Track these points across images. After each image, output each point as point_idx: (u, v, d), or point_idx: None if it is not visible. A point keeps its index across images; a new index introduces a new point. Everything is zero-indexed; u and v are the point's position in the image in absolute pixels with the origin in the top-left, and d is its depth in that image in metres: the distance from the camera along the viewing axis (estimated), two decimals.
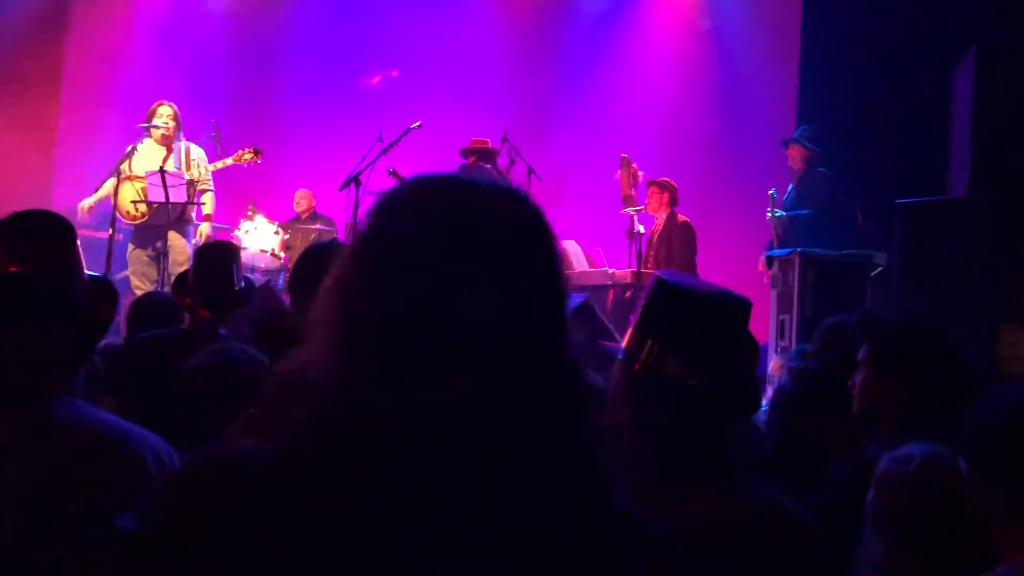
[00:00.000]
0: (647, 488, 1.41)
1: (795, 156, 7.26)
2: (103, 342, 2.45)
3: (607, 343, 3.92)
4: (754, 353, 1.56)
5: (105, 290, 1.68)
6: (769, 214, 7.08)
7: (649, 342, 1.45)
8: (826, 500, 2.13)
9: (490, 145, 8.13)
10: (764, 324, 6.14)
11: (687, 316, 1.46)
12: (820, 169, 7.18)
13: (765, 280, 6.52)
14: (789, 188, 7.31)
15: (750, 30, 9.71)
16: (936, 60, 6.51)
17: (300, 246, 8.32)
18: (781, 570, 1.39)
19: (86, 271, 1.70)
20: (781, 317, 6.11)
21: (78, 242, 1.66)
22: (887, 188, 6.60)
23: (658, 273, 1.54)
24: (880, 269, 6.20)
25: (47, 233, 1.60)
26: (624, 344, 1.51)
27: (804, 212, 6.95)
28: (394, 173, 8.11)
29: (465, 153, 8.12)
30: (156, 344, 3.20)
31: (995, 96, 5.02)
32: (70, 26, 10.48)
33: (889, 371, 2.34)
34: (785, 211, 7.10)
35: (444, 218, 0.87)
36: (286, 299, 7.10)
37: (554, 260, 0.92)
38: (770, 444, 2.81)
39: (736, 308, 1.51)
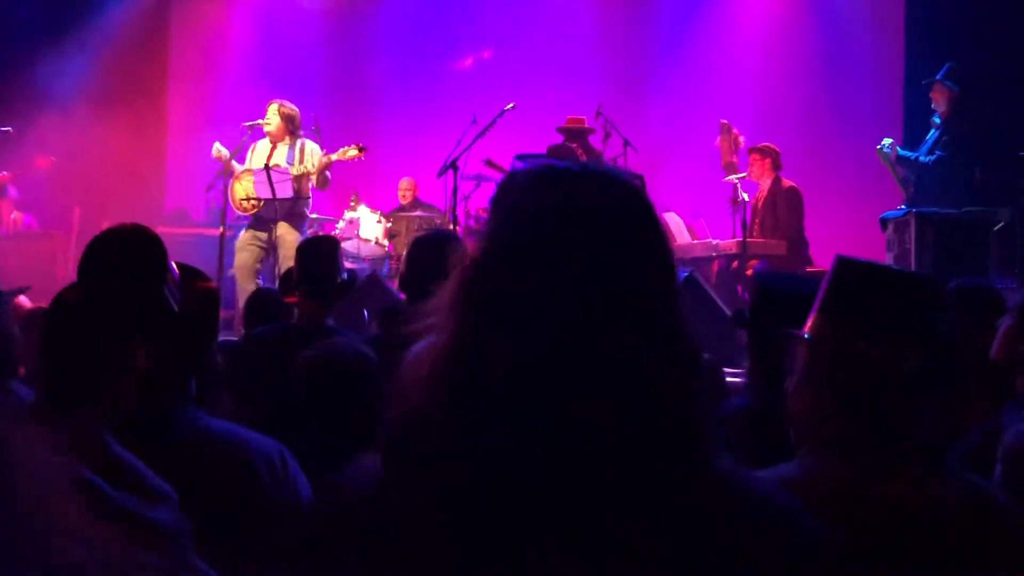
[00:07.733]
0: (841, 472, 1.40)
1: (939, 98, 6.74)
2: (221, 338, 2.53)
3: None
4: (948, 332, 1.50)
5: (206, 296, 1.70)
6: (888, 163, 6.67)
7: (836, 323, 1.45)
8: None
9: (585, 124, 8.07)
10: None
11: (874, 295, 1.45)
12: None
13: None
14: (931, 133, 6.83)
15: None
16: None
17: (403, 233, 8.43)
18: (990, 557, 1.36)
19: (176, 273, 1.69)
20: None
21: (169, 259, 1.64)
22: (1007, 141, 6.25)
23: (839, 254, 1.53)
24: (1002, 225, 5.89)
25: (140, 249, 1.61)
26: (807, 328, 1.49)
27: (931, 158, 6.49)
28: (490, 163, 8.17)
29: (561, 131, 8.09)
30: (269, 339, 3.29)
31: None
32: (171, 28, 10.84)
33: None
34: (923, 156, 6.67)
35: (562, 207, 0.99)
36: (392, 285, 7.25)
37: (659, 236, 1.02)
38: None
39: (925, 286, 1.49)
